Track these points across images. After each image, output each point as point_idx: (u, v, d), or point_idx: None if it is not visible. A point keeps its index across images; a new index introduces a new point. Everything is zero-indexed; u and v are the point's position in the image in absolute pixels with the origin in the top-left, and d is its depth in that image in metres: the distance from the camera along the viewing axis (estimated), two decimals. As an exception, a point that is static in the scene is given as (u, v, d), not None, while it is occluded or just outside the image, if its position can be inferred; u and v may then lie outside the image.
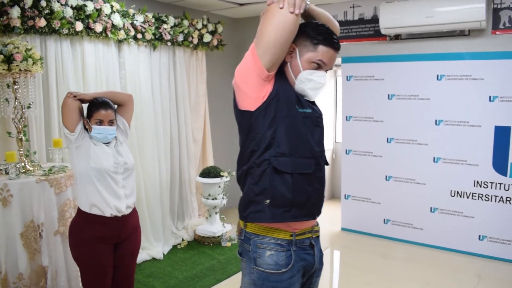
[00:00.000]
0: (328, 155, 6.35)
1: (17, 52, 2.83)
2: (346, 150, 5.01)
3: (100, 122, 2.41)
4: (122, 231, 2.46)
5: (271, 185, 1.59)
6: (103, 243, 2.40)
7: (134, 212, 2.56)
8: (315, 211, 1.72)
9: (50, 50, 3.44)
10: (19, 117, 3.02)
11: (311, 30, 1.60)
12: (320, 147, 1.69)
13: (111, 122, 2.44)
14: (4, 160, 2.95)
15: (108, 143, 2.47)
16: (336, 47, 1.62)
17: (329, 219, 5.43)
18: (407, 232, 4.69)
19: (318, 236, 1.78)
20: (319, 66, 1.62)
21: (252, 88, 1.57)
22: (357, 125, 4.90)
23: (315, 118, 1.67)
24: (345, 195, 5.09)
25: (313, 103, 1.70)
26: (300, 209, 1.63)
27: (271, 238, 1.63)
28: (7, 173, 2.86)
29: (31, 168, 3.01)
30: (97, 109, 2.41)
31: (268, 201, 1.60)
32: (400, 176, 4.67)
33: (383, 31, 4.43)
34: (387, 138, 4.71)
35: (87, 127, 2.45)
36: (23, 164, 2.99)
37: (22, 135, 3.04)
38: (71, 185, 2.97)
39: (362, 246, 4.66)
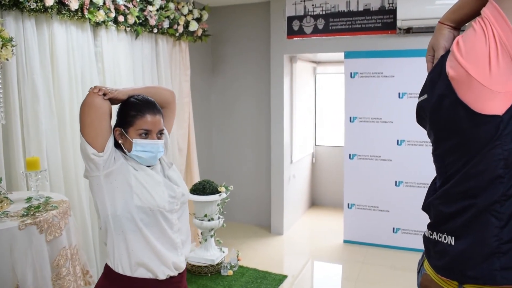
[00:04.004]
0: (307, 160, 5.79)
1: (-22, 29, 1.84)
2: (349, 154, 4.48)
3: (146, 134, 1.56)
4: None
5: None
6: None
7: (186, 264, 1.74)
8: None
9: (9, 31, 2.39)
10: (-24, 128, 2.01)
11: None
12: None
13: (160, 133, 1.61)
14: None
15: (151, 166, 1.62)
16: None
17: (328, 231, 4.90)
18: (420, 240, 4.24)
19: None
20: None
21: (501, 77, 0.99)
22: (362, 126, 4.39)
23: None
24: (348, 204, 4.56)
25: None
26: None
27: None
28: (-35, 216, 1.85)
29: (-1, 204, 2.02)
30: (141, 113, 1.56)
31: None
32: (412, 181, 4.26)
33: (399, 24, 3.94)
34: (397, 141, 4.26)
35: (120, 141, 1.58)
36: (-13, 199, 1.99)
37: (-18, 154, 2.04)
38: (66, 226, 2.03)
39: (368, 259, 4.19)
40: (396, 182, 4.33)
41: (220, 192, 3.79)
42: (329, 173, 5.91)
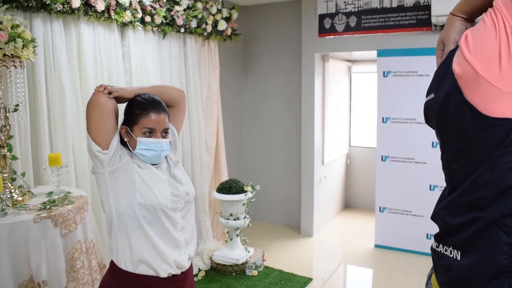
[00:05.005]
0: (341, 161, 5.67)
1: (0, 29, 1.92)
2: (382, 156, 4.34)
3: (150, 132, 1.57)
4: None
5: None
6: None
7: (191, 263, 1.73)
8: None
9: (37, 32, 2.52)
10: (1, 125, 2.11)
11: None
12: None
13: (165, 132, 1.61)
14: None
15: (156, 164, 1.63)
16: None
17: (360, 235, 4.77)
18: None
19: None
20: None
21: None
22: (396, 127, 4.24)
23: None
24: (380, 207, 4.42)
25: None
26: None
27: None
28: (-13, 208, 1.94)
29: (20, 198, 2.10)
30: (146, 111, 1.57)
31: None
32: (447, 185, 4.05)
33: (434, 20, 3.77)
34: (433, 143, 4.08)
35: (126, 139, 1.60)
36: (9, 193, 2.07)
37: (6, 150, 2.13)
38: (81, 221, 2.08)
39: (399, 265, 4.03)
40: (430, 186, 4.15)
41: (246, 191, 3.78)
42: (363, 175, 5.76)
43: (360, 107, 5.83)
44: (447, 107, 1.00)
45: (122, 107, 1.63)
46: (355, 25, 4.29)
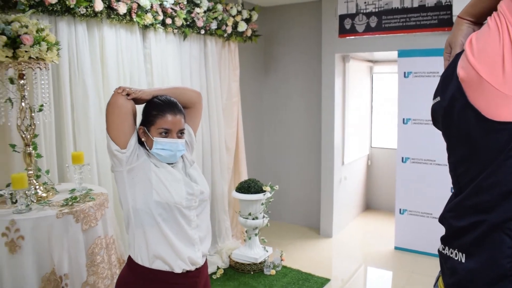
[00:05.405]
0: (362, 162, 5.63)
1: (26, 33, 2.01)
2: (402, 158, 4.30)
3: (166, 133, 1.62)
4: None
5: None
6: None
7: (206, 260, 1.78)
8: None
9: (62, 35, 2.62)
10: (27, 124, 2.20)
11: None
12: None
13: (180, 133, 1.66)
14: (7, 186, 2.13)
15: (172, 164, 1.68)
16: None
17: (380, 236, 4.74)
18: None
19: None
20: None
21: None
22: (417, 129, 4.19)
23: None
24: (400, 209, 4.38)
25: None
26: None
27: None
28: (13, 203, 2.04)
29: (45, 195, 2.19)
30: (162, 113, 1.62)
31: None
32: (470, 187, 3.98)
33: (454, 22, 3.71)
34: (454, 144, 4.01)
35: (144, 139, 1.66)
36: (34, 189, 2.16)
37: (31, 148, 2.22)
38: (102, 217, 2.16)
39: (420, 268, 3.98)
40: (451, 188, 4.07)
41: (265, 191, 3.81)
42: (384, 176, 5.71)
43: (382, 107, 5.78)
44: (452, 111, 1.00)
45: (140, 108, 1.69)
46: (375, 25, 4.26)
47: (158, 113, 1.62)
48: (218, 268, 3.79)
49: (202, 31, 3.62)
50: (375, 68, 5.67)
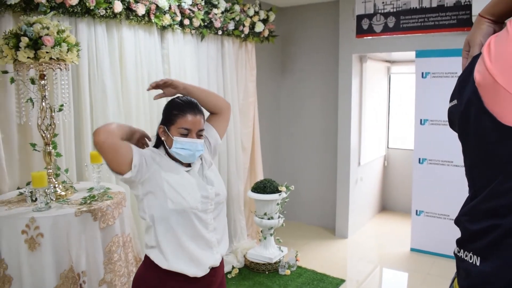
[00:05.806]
0: (379, 163, 5.58)
1: (47, 34, 2.06)
2: (419, 159, 4.26)
3: (186, 133, 1.64)
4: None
5: None
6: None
7: (222, 260, 1.80)
8: None
9: (82, 36, 2.67)
10: (47, 124, 2.25)
11: None
12: None
13: (200, 133, 1.68)
14: (27, 184, 2.19)
15: (189, 168, 1.70)
16: None
17: (395, 238, 4.70)
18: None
19: None
20: None
21: None
22: (434, 130, 4.14)
23: None
24: (416, 210, 4.34)
25: None
26: None
27: None
28: (33, 201, 2.09)
29: (63, 193, 2.24)
30: (183, 112, 1.64)
31: None
32: (489, 190, 3.92)
33: (475, 20, 3.65)
34: (473, 146, 3.95)
35: (163, 138, 1.68)
36: (53, 187, 2.21)
37: (51, 147, 2.27)
38: (119, 216, 2.19)
39: (436, 270, 3.94)
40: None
41: (280, 191, 3.82)
42: (401, 177, 5.65)
43: (399, 108, 5.72)
44: (469, 115, 0.99)
45: (160, 108, 1.72)
46: (393, 25, 4.22)
47: (179, 112, 1.64)
48: (233, 267, 3.82)
49: (220, 32, 3.64)
50: (392, 69, 5.62)
